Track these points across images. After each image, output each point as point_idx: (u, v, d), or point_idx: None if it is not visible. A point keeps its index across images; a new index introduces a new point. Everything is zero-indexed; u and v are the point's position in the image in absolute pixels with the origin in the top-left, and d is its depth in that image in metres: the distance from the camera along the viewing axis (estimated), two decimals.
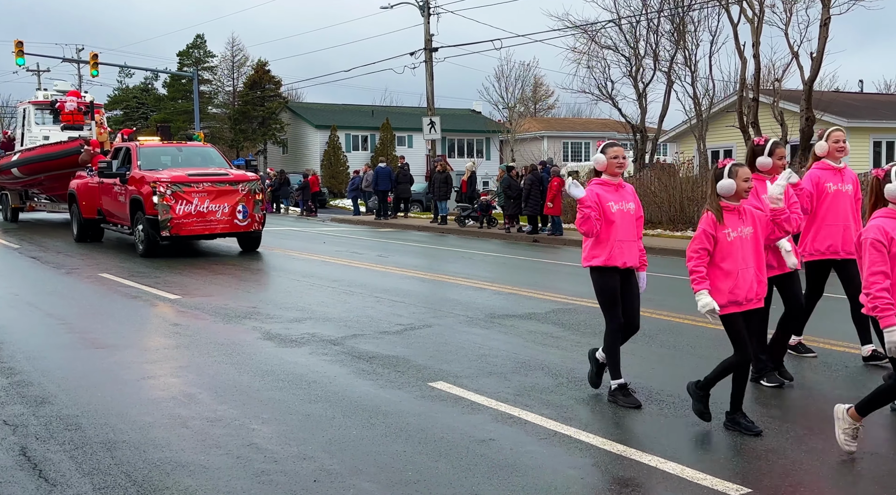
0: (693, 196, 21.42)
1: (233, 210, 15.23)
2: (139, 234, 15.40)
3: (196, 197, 14.92)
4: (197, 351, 7.77)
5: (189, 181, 15.01)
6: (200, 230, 15.17)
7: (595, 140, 53.85)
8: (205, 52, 60.67)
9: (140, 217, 15.21)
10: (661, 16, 27.25)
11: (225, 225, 15.25)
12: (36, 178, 22.51)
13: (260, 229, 15.96)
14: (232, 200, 15.25)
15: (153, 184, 14.78)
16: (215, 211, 15.08)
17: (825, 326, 8.83)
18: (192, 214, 14.89)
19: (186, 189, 14.89)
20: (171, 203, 14.70)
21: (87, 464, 4.76)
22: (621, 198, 5.97)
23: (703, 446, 4.99)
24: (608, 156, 5.96)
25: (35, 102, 24.62)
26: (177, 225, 14.79)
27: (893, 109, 28.20)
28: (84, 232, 18.52)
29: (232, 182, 15.47)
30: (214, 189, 15.19)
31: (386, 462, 4.76)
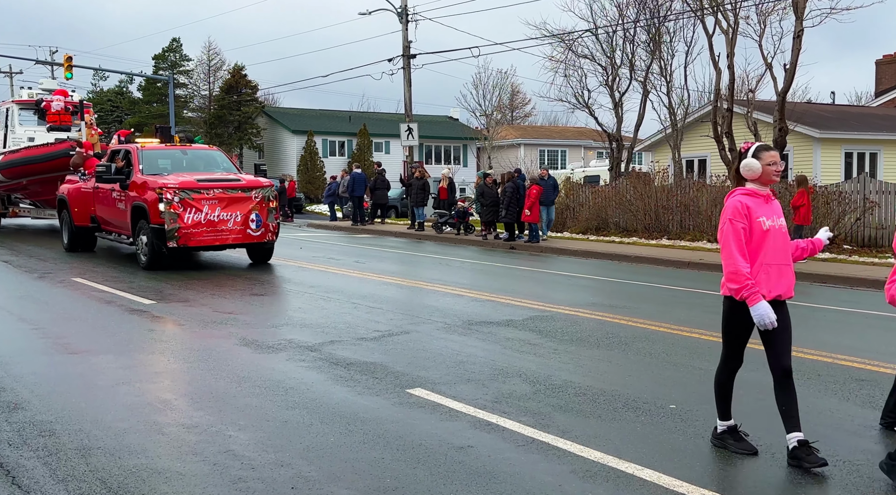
0: (668, 205, 21.63)
1: (245, 219, 14.06)
2: (142, 245, 14.12)
3: (206, 204, 13.74)
4: (172, 356, 7.71)
5: (198, 187, 13.79)
6: (210, 241, 13.95)
7: (571, 148, 54.30)
8: (181, 56, 60.29)
9: (143, 226, 13.96)
10: (638, 26, 27.48)
11: (237, 235, 14.06)
12: (19, 183, 21.36)
13: (274, 240, 14.77)
14: (245, 208, 14.07)
15: (159, 190, 13.61)
16: (227, 220, 13.90)
17: (797, 334, 8.94)
18: (202, 223, 13.72)
19: (196, 196, 13.68)
20: (178, 211, 13.51)
21: (62, 471, 4.71)
22: (772, 213, 4.93)
23: (679, 453, 5.03)
24: (764, 162, 4.89)
25: (19, 101, 23.27)
26: (185, 235, 13.62)
27: (864, 121, 28.63)
28: (76, 241, 17.24)
29: (244, 188, 14.24)
30: (226, 196, 13.97)
31: (364, 469, 4.75)
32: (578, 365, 7.37)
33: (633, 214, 22.39)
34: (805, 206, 15.98)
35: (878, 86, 34.83)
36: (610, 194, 23.52)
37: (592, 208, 23.65)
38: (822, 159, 25.79)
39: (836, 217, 17.99)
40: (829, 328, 9.54)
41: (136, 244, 14.35)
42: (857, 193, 18.02)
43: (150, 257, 13.90)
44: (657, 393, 6.41)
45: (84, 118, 20.17)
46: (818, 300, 11.74)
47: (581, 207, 24.17)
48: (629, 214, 22.52)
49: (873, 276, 13.45)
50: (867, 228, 17.91)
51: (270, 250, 15.15)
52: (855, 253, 16.84)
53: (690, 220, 21.10)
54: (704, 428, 5.51)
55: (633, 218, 22.37)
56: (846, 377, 6.94)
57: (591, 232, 22.92)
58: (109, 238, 16.27)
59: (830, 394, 6.40)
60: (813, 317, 10.36)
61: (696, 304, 11.13)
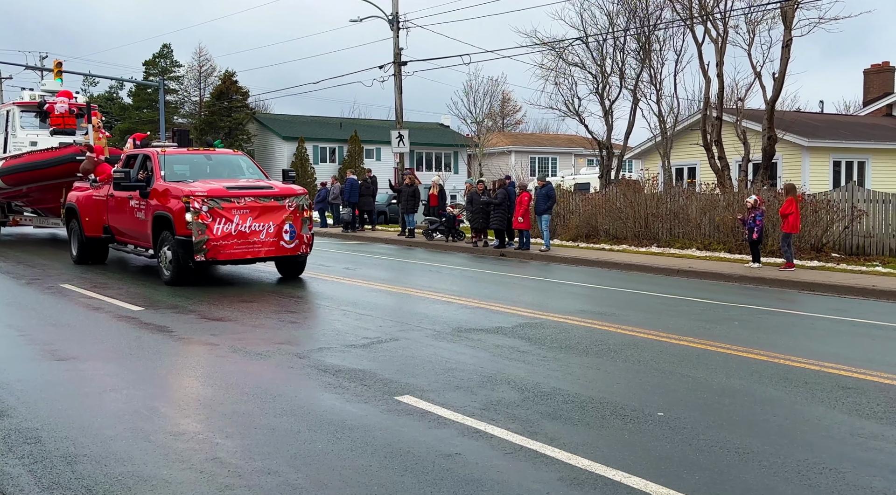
0: (657, 212, 21.69)
1: (279, 230, 12.98)
2: (165, 258, 12.94)
3: (237, 214, 12.61)
4: (160, 363, 7.68)
5: (229, 195, 12.68)
6: (241, 254, 12.81)
7: (562, 156, 54.48)
8: (171, 62, 60.27)
9: (167, 237, 12.83)
10: (628, 34, 27.61)
11: (270, 247, 12.97)
12: (21, 190, 20.24)
13: (308, 252, 13.69)
14: (278, 218, 12.99)
15: (185, 198, 12.45)
16: (259, 231, 12.79)
17: (784, 342, 8.98)
18: (232, 235, 12.60)
19: (226, 205, 12.55)
20: (207, 221, 12.38)
21: (47, 478, 4.68)
22: None
23: (667, 461, 5.04)
24: None
25: (21, 103, 21.91)
26: (214, 247, 12.48)
27: (853, 130, 28.82)
28: (86, 252, 15.96)
29: (277, 196, 13.15)
30: (258, 205, 12.85)
31: (351, 476, 4.74)
32: (567, 372, 7.38)
33: (622, 222, 22.44)
34: (794, 214, 16.06)
35: (866, 95, 35.06)
36: (600, 202, 23.58)
37: (582, 216, 23.69)
38: (810, 168, 25.93)
39: (824, 225, 18.08)
40: (817, 336, 9.58)
41: (159, 257, 13.18)
42: (845, 202, 18.11)
43: (174, 271, 12.76)
44: (645, 400, 6.42)
45: (91, 121, 18.77)
46: (806, 308, 11.79)
47: (571, 215, 24.22)
48: (619, 222, 22.57)
49: (861, 285, 13.52)
50: (855, 237, 18.00)
51: (303, 264, 14.16)
52: (843, 261, 16.92)
53: (680, 228, 21.17)
54: (692, 435, 5.52)
55: (622, 225, 22.42)
56: (833, 385, 6.97)
57: (582, 239, 22.95)
58: (125, 250, 15.18)
59: (817, 402, 6.42)
60: (801, 325, 10.41)
61: (685, 312, 11.16)
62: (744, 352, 8.25)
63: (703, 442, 5.38)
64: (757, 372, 7.41)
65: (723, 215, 19.87)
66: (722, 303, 12.07)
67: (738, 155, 23.90)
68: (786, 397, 6.59)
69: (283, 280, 13.97)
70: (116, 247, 15.51)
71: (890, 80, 33.95)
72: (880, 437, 5.54)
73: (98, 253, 16.08)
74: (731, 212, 19.58)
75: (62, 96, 21.43)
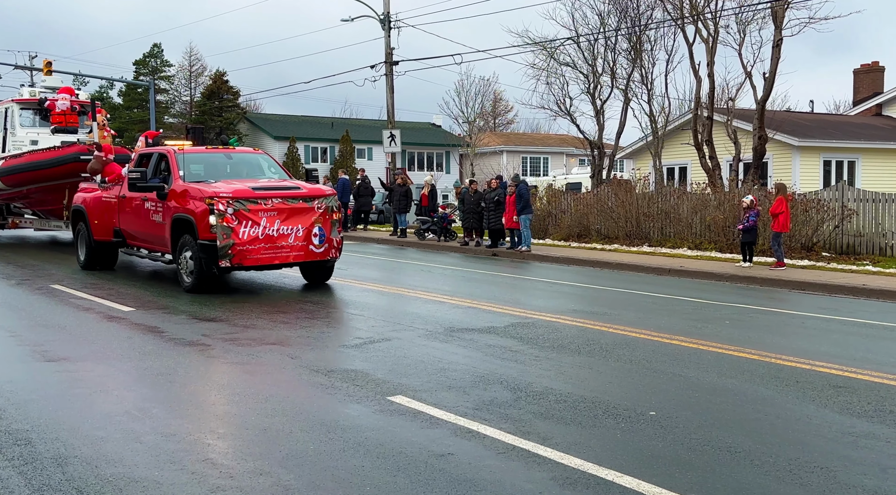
0: (649, 212, 21.74)
1: (308, 233, 12.19)
2: (186, 264, 12.13)
3: (264, 217, 11.81)
4: (151, 364, 7.65)
5: (255, 196, 11.87)
6: (269, 259, 11.99)
7: (553, 155, 54.56)
8: (162, 62, 60.11)
9: (188, 242, 12.00)
10: (619, 34, 27.66)
11: (299, 252, 12.18)
12: (21, 191, 19.31)
13: (337, 257, 12.95)
14: (307, 221, 12.20)
15: (209, 200, 11.63)
16: (287, 234, 12.01)
17: (776, 341, 9.01)
18: (259, 239, 11.79)
19: (252, 207, 11.73)
20: (232, 225, 11.58)
21: (37, 480, 4.66)
22: None
23: (659, 460, 5.04)
24: None
25: (20, 100, 20.83)
26: (240, 252, 11.68)
27: (843, 129, 28.94)
28: (94, 257, 15.05)
29: (306, 198, 12.35)
30: (286, 206, 12.04)
31: (344, 477, 4.73)
32: (559, 372, 7.39)
33: (614, 221, 22.48)
34: (784, 214, 16.12)
35: (855, 94, 35.22)
36: (591, 201, 23.62)
37: (574, 215, 23.73)
38: (801, 167, 26.03)
39: (814, 225, 18.15)
40: (808, 335, 9.61)
41: (179, 263, 12.33)
42: (835, 201, 18.19)
43: (196, 278, 11.95)
44: (637, 399, 6.43)
45: (97, 119, 17.84)
46: (797, 307, 11.83)
47: (563, 214, 24.24)
48: (610, 221, 22.61)
49: (851, 284, 13.58)
50: (845, 236, 18.08)
51: (331, 269, 13.40)
52: (833, 260, 16.99)
53: (671, 228, 21.22)
54: (684, 434, 5.53)
55: (614, 225, 22.46)
56: (824, 383, 6.99)
57: (573, 239, 22.98)
58: (139, 255, 14.29)
59: (808, 401, 6.44)
60: (791, 324, 10.44)
61: (677, 311, 11.19)
62: (735, 352, 8.27)
63: (695, 442, 5.39)
64: (748, 371, 7.43)
65: (714, 215, 19.92)
66: (713, 302, 12.10)
67: (728, 154, 23.97)
68: (777, 396, 6.61)
69: (273, 281, 13.93)
70: (128, 251, 14.70)
71: (879, 79, 34.12)
72: (871, 436, 5.56)
73: (107, 257, 15.22)
74: (723, 211, 19.65)
75: (64, 93, 20.49)
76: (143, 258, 14.34)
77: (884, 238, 17.66)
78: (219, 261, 11.63)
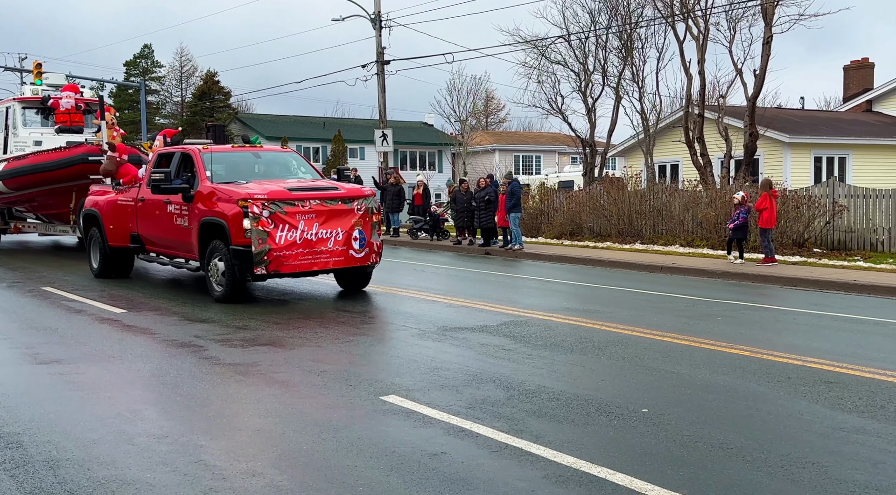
0: (641, 209, 21.78)
1: (348, 237, 11.46)
2: (216, 271, 11.33)
3: (301, 220, 11.07)
4: (143, 366, 7.63)
5: (292, 198, 11.10)
6: (307, 265, 11.23)
7: (545, 154, 54.62)
8: (152, 62, 59.97)
9: (219, 247, 11.21)
10: (610, 32, 27.68)
11: (339, 257, 11.44)
12: (25, 194, 18.43)
13: (378, 262, 12.22)
14: (346, 224, 11.47)
15: (243, 202, 10.86)
16: (326, 239, 11.26)
17: (767, 338, 9.04)
18: (297, 244, 11.04)
19: (289, 209, 10.99)
20: (268, 228, 10.83)
21: (29, 483, 4.64)
22: None
23: (651, 457, 5.06)
24: None
25: (22, 99, 19.91)
26: (276, 258, 10.92)
27: (833, 126, 29.05)
28: (109, 264, 14.18)
29: (345, 199, 11.62)
30: (325, 209, 11.29)
31: (337, 477, 4.73)
32: (552, 370, 7.40)
33: (606, 219, 22.51)
34: (768, 210, 16.17)
35: (846, 91, 35.35)
36: (584, 199, 23.65)
37: (567, 213, 23.75)
38: (791, 164, 26.12)
39: (805, 221, 18.21)
40: (799, 331, 9.64)
41: (209, 270, 11.53)
42: (826, 197, 18.25)
43: (228, 287, 11.19)
44: (630, 397, 6.45)
45: (106, 117, 16.93)
46: (788, 303, 11.87)
47: (555, 212, 24.27)
48: (603, 219, 22.65)
49: (843, 279, 13.63)
50: (836, 232, 18.15)
51: (370, 275, 12.59)
52: (824, 256, 17.05)
53: (663, 225, 21.26)
54: (676, 431, 5.55)
55: (606, 223, 22.50)
56: (816, 379, 7.02)
57: (566, 237, 23.01)
58: (160, 261, 13.43)
59: (800, 397, 6.46)
60: (783, 320, 10.48)
61: (669, 308, 11.21)
62: (727, 348, 8.30)
63: (687, 438, 5.41)
64: (740, 367, 7.45)
65: (705, 212, 19.97)
66: (705, 299, 12.13)
67: (720, 152, 24.02)
68: (769, 392, 6.63)
69: (269, 280, 13.88)
70: (146, 258, 13.81)
71: (869, 75, 34.25)
72: (862, 431, 5.58)
73: (123, 265, 14.37)
74: (714, 208, 19.69)
75: (68, 91, 19.61)
76: (164, 265, 13.59)
77: (874, 234, 17.73)
78: (254, 268, 10.89)
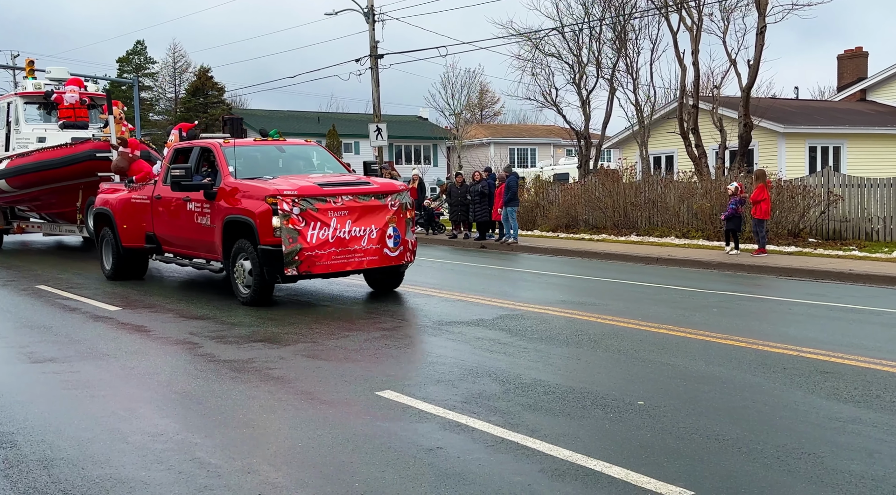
0: (636, 201, 21.77)
1: (382, 235, 10.84)
2: (242, 272, 10.72)
3: (334, 217, 10.46)
4: (138, 363, 7.60)
5: (323, 194, 10.50)
6: (340, 265, 10.59)
7: (541, 146, 54.60)
8: (145, 59, 59.79)
9: (245, 247, 10.59)
10: (603, 24, 27.65)
11: (373, 257, 10.81)
12: (29, 193, 17.75)
13: (412, 261, 11.61)
14: (380, 221, 10.86)
15: (272, 199, 10.26)
16: (360, 237, 10.65)
17: (763, 328, 9.04)
18: (329, 242, 10.41)
19: (320, 206, 10.38)
20: (299, 227, 10.22)
21: (23, 483, 4.62)
22: None
23: (647, 450, 5.05)
24: None
25: (24, 94, 19.11)
26: (308, 258, 10.28)
27: (828, 115, 29.05)
28: (123, 266, 13.57)
29: (378, 194, 11.00)
30: (357, 205, 10.69)
31: (332, 473, 4.71)
32: (548, 363, 7.39)
33: (602, 211, 22.51)
34: (766, 201, 16.18)
35: (840, 80, 35.34)
36: (579, 192, 23.63)
37: (562, 206, 23.74)
38: (786, 154, 26.12)
39: (800, 211, 18.22)
40: (795, 321, 9.65)
41: (235, 272, 10.88)
42: (821, 187, 18.26)
43: (256, 289, 10.59)
44: (625, 389, 6.44)
45: (113, 112, 16.11)
46: (784, 293, 11.88)
47: (551, 205, 24.26)
48: (598, 212, 22.64)
49: (838, 269, 13.64)
50: (832, 221, 18.16)
51: (402, 275, 12.02)
52: (820, 246, 17.06)
53: (658, 217, 21.26)
54: (672, 423, 5.54)
55: (602, 215, 22.50)
56: (811, 369, 7.02)
57: (561, 229, 23.00)
58: (178, 262, 12.81)
59: (796, 387, 6.46)
60: (778, 311, 10.48)
61: (664, 300, 11.21)
62: (723, 339, 8.29)
63: (683, 430, 5.40)
64: (736, 358, 7.45)
65: (700, 203, 19.97)
66: (701, 290, 12.13)
67: (714, 142, 24.02)
68: (765, 383, 6.63)
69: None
70: (163, 258, 13.15)
71: (863, 65, 34.24)
72: (857, 421, 5.58)
73: (138, 266, 13.76)
74: (709, 199, 19.69)
75: (71, 85, 18.87)
76: (183, 266, 13.09)
77: (869, 223, 17.74)
78: (284, 269, 10.25)
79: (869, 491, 4.38)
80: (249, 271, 10.60)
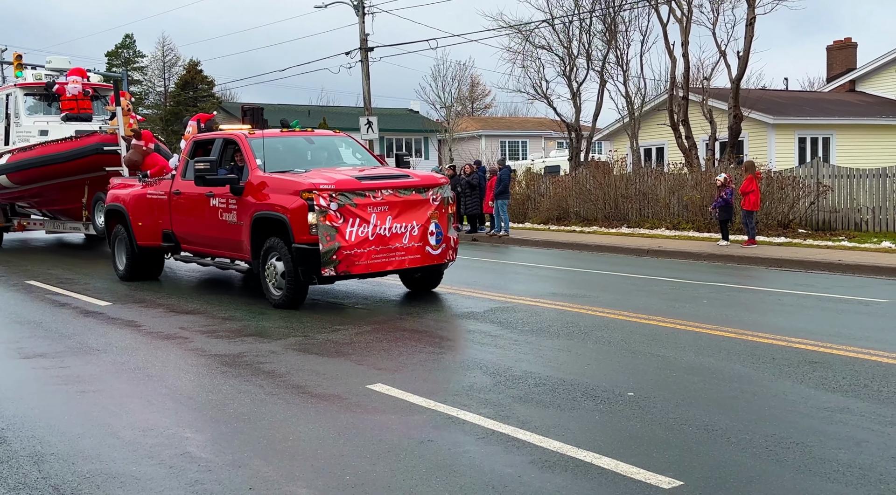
0: (627, 193, 21.81)
1: (424, 231, 10.11)
2: (274, 273, 9.98)
3: (374, 213, 9.73)
4: (128, 358, 7.59)
5: (362, 188, 9.75)
6: (381, 265, 9.87)
7: (532, 139, 54.58)
8: (134, 52, 59.49)
9: (277, 246, 9.84)
10: (593, 16, 27.62)
11: (415, 255, 10.08)
12: (32, 189, 16.99)
13: (454, 259, 10.91)
14: (422, 216, 10.13)
15: (307, 194, 9.49)
16: (401, 234, 9.92)
17: (752, 319, 9.08)
18: (369, 240, 9.69)
19: (359, 201, 9.64)
20: (337, 223, 9.48)
21: (13, 479, 4.61)
22: None
23: (637, 440, 5.08)
24: None
25: (24, 85, 18.19)
26: (347, 257, 9.56)
27: (817, 106, 29.12)
28: (137, 266, 12.79)
29: (419, 188, 10.27)
30: (398, 199, 9.94)
31: (323, 466, 4.72)
32: (538, 355, 7.41)
33: (592, 204, 22.54)
34: (754, 192, 16.23)
35: (829, 71, 35.43)
36: (570, 184, 23.66)
37: (553, 198, 23.76)
38: (776, 145, 26.18)
39: (790, 201, 18.28)
40: (784, 311, 9.69)
41: (266, 272, 10.14)
42: (810, 178, 18.33)
43: (290, 291, 9.83)
44: (615, 381, 6.47)
45: (121, 103, 15.20)
46: (773, 284, 11.93)
47: (542, 198, 24.27)
48: (589, 204, 22.67)
49: (827, 260, 13.70)
50: (821, 212, 18.24)
51: (442, 274, 11.29)
52: (809, 237, 17.13)
53: (649, 208, 21.31)
54: (661, 414, 5.57)
55: (593, 207, 22.53)
56: (800, 360, 7.06)
57: (553, 222, 23.03)
58: (200, 261, 12.16)
59: (784, 377, 6.50)
60: (768, 302, 10.53)
61: (655, 292, 11.24)
62: (712, 330, 8.33)
63: (672, 421, 5.43)
64: (725, 349, 7.48)
65: (691, 194, 20.02)
66: (691, 281, 12.18)
67: (705, 134, 24.06)
68: (754, 373, 6.66)
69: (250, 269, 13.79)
70: (182, 258, 12.53)
71: (852, 55, 34.33)
72: (845, 410, 5.62)
73: (153, 265, 13.02)
74: (700, 190, 19.74)
75: (74, 75, 17.99)
76: (204, 266, 12.52)
77: (859, 213, 17.83)
78: (321, 269, 9.52)
79: (856, 479, 4.42)
80: (282, 273, 9.86)
